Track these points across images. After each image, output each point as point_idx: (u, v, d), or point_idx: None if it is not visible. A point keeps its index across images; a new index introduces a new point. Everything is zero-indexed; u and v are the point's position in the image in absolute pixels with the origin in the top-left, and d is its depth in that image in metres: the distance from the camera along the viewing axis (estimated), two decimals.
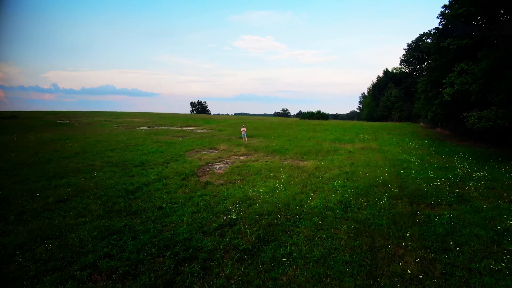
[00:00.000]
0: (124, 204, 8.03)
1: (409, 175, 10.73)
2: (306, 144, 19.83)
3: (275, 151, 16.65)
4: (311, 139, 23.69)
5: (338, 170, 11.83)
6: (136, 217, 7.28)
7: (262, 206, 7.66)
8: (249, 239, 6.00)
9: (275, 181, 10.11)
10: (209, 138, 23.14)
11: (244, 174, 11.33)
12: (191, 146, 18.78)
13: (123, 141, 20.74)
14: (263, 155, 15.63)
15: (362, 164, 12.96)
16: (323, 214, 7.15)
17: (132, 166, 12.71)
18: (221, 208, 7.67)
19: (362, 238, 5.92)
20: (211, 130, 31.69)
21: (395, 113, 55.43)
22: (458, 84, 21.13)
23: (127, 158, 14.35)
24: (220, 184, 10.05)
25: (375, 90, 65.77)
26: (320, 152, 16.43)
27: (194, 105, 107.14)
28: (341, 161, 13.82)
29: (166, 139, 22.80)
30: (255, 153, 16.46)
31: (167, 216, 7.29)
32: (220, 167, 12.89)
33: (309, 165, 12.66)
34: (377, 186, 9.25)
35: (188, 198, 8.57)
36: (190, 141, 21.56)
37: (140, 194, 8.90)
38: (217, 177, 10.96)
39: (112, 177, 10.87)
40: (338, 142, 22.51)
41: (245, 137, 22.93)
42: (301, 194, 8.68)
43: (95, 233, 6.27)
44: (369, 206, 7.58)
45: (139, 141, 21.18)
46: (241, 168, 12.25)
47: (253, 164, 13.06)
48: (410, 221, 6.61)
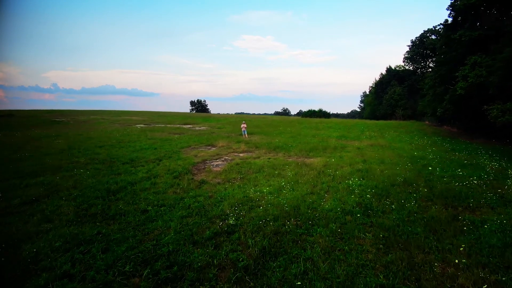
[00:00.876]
0: (102, 206, 6.74)
1: (432, 173, 9.43)
2: (310, 141, 18.54)
3: (278, 148, 15.37)
4: (315, 136, 22.40)
5: (349, 167, 10.54)
6: (113, 222, 6.00)
7: (266, 210, 6.38)
8: (251, 252, 4.72)
9: (280, 180, 8.82)
10: (207, 135, 21.85)
11: (245, 172, 10.04)
12: (188, 143, 17.50)
13: (116, 138, 19.46)
14: (265, 152, 14.34)
15: (375, 161, 11.67)
16: (341, 219, 5.86)
17: (120, 164, 11.43)
18: (217, 212, 6.39)
19: (395, 252, 4.64)
20: (210, 128, 30.41)
21: (398, 111, 54.05)
22: (472, 77, 19.82)
23: (116, 155, 13.07)
24: (217, 183, 8.77)
25: (378, 88, 64.40)
26: (327, 149, 15.14)
27: (193, 104, 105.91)
28: (351, 158, 12.53)
29: (162, 136, 21.52)
30: (257, 150, 15.18)
31: (151, 222, 6.01)
32: (217, 164, 11.61)
33: (317, 162, 11.37)
34: (399, 185, 7.96)
35: (179, 199, 7.28)
36: (187, 138, 20.27)
37: (123, 195, 7.61)
38: (214, 175, 9.68)
39: (95, 175, 9.59)
40: (344, 139, 21.21)
41: (246, 134, 21.65)
42: (312, 194, 7.39)
43: (58, 244, 4.99)
44: (395, 210, 6.29)
45: (133, 138, 19.90)
46: (241, 166, 10.97)
47: (254, 161, 11.78)
48: (451, 228, 5.32)
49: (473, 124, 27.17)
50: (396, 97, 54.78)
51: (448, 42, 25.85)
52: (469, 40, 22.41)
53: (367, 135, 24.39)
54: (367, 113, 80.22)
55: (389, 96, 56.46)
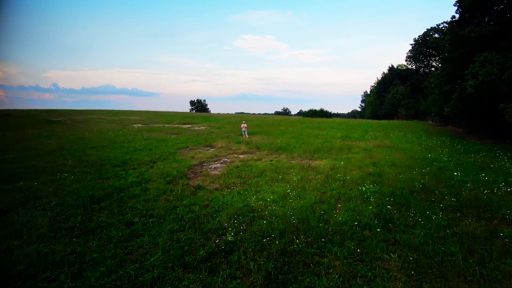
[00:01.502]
0: (82, 218, 5.88)
1: (451, 178, 8.56)
2: (314, 142, 17.68)
3: (280, 149, 14.51)
4: (318, 136, 21.54)
5: (359, 171, 9.68)
6: (93, 237, 5.14)
7: (270, 222, 5.52)
8: (254, 280, 3.86)
9: (284, 185, 7.95)
10: (206, 135, 21.00)
11: (245, 176, 9.18)
12: (185, 144, 16.64)
13: (110, 138, 18.61)
14: (267, 154, 13.48)
15: (386, 163, 10.81)
16: (358, 235, 4.99)
17: (110, 166, 10.57)
18: (214, 225, 5.53)
19: (430, 280, 3.78)
20: (209, 128, 29.57)
21: (401, 111, 53.21)
22: (482, 75, 18.94)
23: (108, 157, 12.21)
24: (215, 189, 7.90)
25: (380, 87, 63.52)
26: (332, 150, 14.28)
27: (193, 104, 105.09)
28: (360, 160, 11.66)
29: (159, 136, 20.67)
30: (258, 151, 14.32)
31: (137, 237, 5.15)
32: (216, 167, 10.75)
33: (323, 165, 10.50)
34: (419, 193, 7.09)
35: (171, 209, 6.42)
36: (185, 138, 19.42)
37: (109, 203, 6.75)
38: (212, 180, 8.81)
39: (81, 179, 8.72)
40: (348, 139, 20.36)
41: (246, 134, 20.81)
42: (321, 203, 6.52)
43: (21, 267, 4.14)
44: (420, 223, 5.42)
45: (128, 138, 19.05)
46: (241, 169, 10.11)
47: (255, 164, 10.91)
48: (493, 248, 4.46)
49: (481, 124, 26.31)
50: (399, 96, 53.92)
51: (456, 39, 24.98)
52: (478, 37, 21.53)
53: (372, 135, 23.54)
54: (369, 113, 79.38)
55: (391, 96, 55.60)
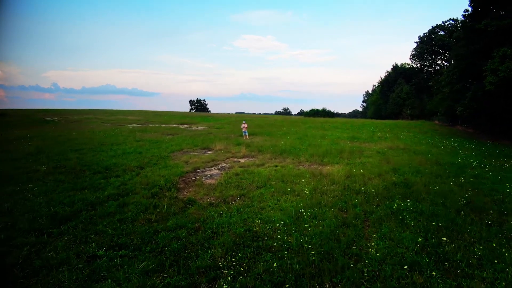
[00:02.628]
0: (30, 250, 4.43)
1: (495, 189, 7.10)
2: (321, 143, 16.22)
3: (285, 152, 13.04)
4: (324, 137, 20.08)
5: (381, 180, 8.22)
6: (35, 283, 3.69)
7: (281, 258, 4.06)
8: None
9: (294, 200, 6.50)
10: (204, 136, 19.53)
11: (246, 186, 7.71)
12: (180, 146, 15.19)
13: (99, 140, 17.17)
14: (270, 157, 12.02)
15: (409, 170, 9.35)
16: (406, 282, 3.53)
17: (90, 173, 9.13)
18: (204, 261, 4.08)
19: None
20: (208, 128, 28.12)
21: (406, 110, 51.69)
22: (503, 71, 17.50)
23: (90, 162, 10.78)
24: (209, 204, 6.45)
25: (384, 86, 61.99)
26: (342, 153, 12.81)
27: (193, 104, 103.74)
28: (377, 165, 10.21)
29: (153, 137, 19.22)
30: (260, 154, 12.86)
31: (97, 281, 3.71)
32: (212, 174, 9.29)
33: (336, 172, 9.04)
34: (466, 212, 5.62)
35: (151, 234, 4.97)
36: (181, 139, 17.97)
37: (73, 226, 5.30)
38: (206, 191, 7.35)
39: (50, 191, 7.28)
40: (356, 140, 18.89)
41: (247, 135, 19.34)
42: (345, 227, 5.06)
43: None
44: (486, 260, 3.96)
45: (119, 139, 17.60)
46: (241, 177, 8.65)
47: (258, 170, 9.46)
48: None
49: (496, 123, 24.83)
50: (404, 95, 52.42)
51: (469, 34, 23.53)
52: (496, 30, 20.05)
53: (381, 136, 22.08)
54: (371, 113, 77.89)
55: (395, 95, 54.10)
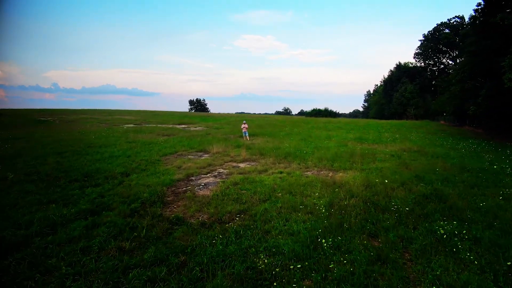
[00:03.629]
0: None
1: None
2: (327, 145, 14.94)
3: (289, 156, 11.75)
4: (330, 138, 18.79)
5: (406, 190, 6.92)
6: None
7: None
8: None
9: (307, 219, 5.21)
10: (201, 137, 18.25)
11: (247, 199, 6.42)
12: (174, 148, 13.91)
13: (88, 141, 15.89)
14: (274, 162, 10.73)
15: (435, 178, 8.05)
16: None
17: (65, 182, 7.85)
18: None
19: None
20: (207, 128, 26.86)
21: (410, 110, 50.36)
22: None
23: (70, 167, 9.50)
24: (200, 225, 5.16)
25: (387, 85, 60.64)
26: (353, 157, 11.51)
27: (192, 103, 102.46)
28: (396, 171, 8.92)
29: (147, 138, 17.93)
30: (262, 158, 11.57)
31: None
32: (207, 183, 8.00)
33: (352, 181, 7.75)
34: None
35: (118, 274, 3.67)
36: (176, 140, 16.69)
37: (17, 259, 4.01)
38: (198, 206, 6.06)
39: (9, 205, 5.99)
40: (364, 142, 17.60)
41: (247, 136, 18.06)
42: (381, 264, 3.76)
43: None
44: None
45: (110, 140, 16.33)
46: (241, 187, 7.36)
47: (260, 178, 8.16)
48: None
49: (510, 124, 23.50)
50: (408, 95, 51.11)
51: (483, 29, 22.24)
52: None
53: (389, 137, 20.80)
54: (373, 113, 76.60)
55: (399, 94, 52.78)
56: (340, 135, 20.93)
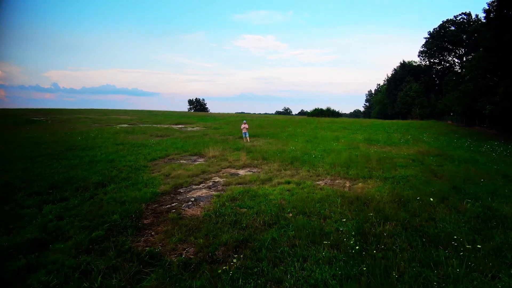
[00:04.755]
0: None
1: None
2: (336, 148, 13.44)
3: (296, 160, 10.24)
4: (337, 140, 17.30)
5: (451, 210, 5.42)
6: None
7: None
8: None
9: (332, 259, 3.71)
10: (197, 139, 16.75)
11: (248, 222, 4.92)
12: (166, 151, 12.41)
13: (72, 143, 14.40)
14: (279, 168, 9.23)
15: (479, 190, 6.55)
16: None
17: (23, 195, 6.37)
18: None
19: None
20: (205, 128, 25.39)
21: (415, 110, 48.87)
22: None
23: (38, 174, 8.02)
24: (183, 267, 3.65)
25: (391, 84, 59.13)
26: (369, 162, 10.02)
27: (192, 103, 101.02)
28: (425, 181, 7.42)
29: (138, 139, 16.44)
30: (265, 163, 10.08)
31: None
32: (198, 197, 6.49)
33: (377, 193, 6.25)
34: None
35: None
36: (170, 142, 15.20)
37: None
38: (183, 235, 4.54)
39: None
40: (375, 143, 16.11)
41: (247, 137, 16.56)
42: None
43: None
44: None
45: (97, 142, 14.83)
46: (240, 203, 5.85)
47: (264, 191, 6.65)
48: None
49: None
50: (413, 94, 49.61)
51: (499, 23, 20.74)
52: None
53: (400, 138, 19.28)
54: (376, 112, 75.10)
55: (404, 93, 51.28)
56: (347, 136, 19.43)
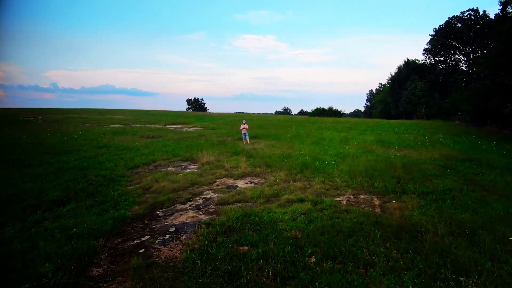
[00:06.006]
0: None
1: None
2: (349, 152, 11.74)
3: (306, 168, 8.54)
4: (347, 141, 15.63)
5: None
6: None
7: None
8: None
9: None
10: (192, 141, 15.04)
11: (251, 276, 3.21)
12: (153, 156, 10.71)
13: (50, 145, 12.69)
14: (287, 178, 7.53)
15: None
16: None
17: None
18: None
19: None
20: (202, 129, 23.69)
21: (421, 109, 47.15)
22: None
23: None
24: None
25: (395, 83, 57.41)
26: (393, 170, 8.32)
27: (190, 103, 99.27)
28: (485, 200, 5.74)
29: (126, 141, 14.72)
30: (269, 171, 8.37)
31: None
32: (180, 226, 4.78)
33: (424, 218, 4.56)
34: None
35: None
36: (160, 144, 13.48)
37: None
38: None
39: None
40: (390, 146, 14.43)
41: (247, 139, 14.86)
42: None
43: None
44: None
45: (78, 144, 13.13)
46: (238, 237, 4.14)
47: (270, 215, 4.94)
48: None
49: None
50: (418, 93, 47.88)
51: None
52: None
53: (413, 140, 17.62)
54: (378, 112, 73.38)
55: (409, 92, 49.58)
56: (356, 137, 17.74)
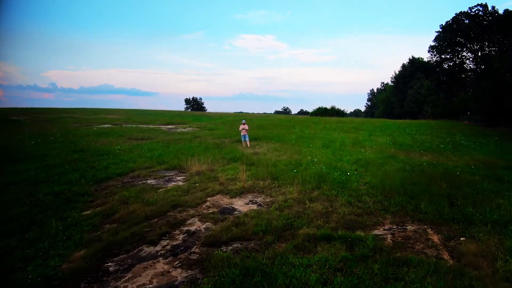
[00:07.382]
0: None
1: None
2: (370, 158, 9.91)
3: (323, 180, 6.68)
4: (360, 144, 13.79)
5: None
6: None
7: None
8: None
9: None
10: (185, 143, 13.18)
11: None
12: (133, 163, 8.85)
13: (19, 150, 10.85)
14: (299, 197, 5.68)
15: None
16: None
17: None
18: None
19: None
20: (198, 129, 21.86)
21: (427, 109, 45.39)
22: None
23: None
24: None
25: (399, 82, 55.63)
26: (435, 183, 6.49)
27: (188, 102, 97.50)
28: None
29: (109, 143, 12.85)
30: (276, 186, 6.52)
31: None
32: None
33: None
34: None
35: None
36: (146, 148, 11.60)
37: None
38: None
39: None
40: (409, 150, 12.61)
41: (247, 141, 12.96)
42: None
43: None
44: None
45: (49, 148, 11.32)
46: None
47: (284, 269, 3.10)
48: None
49: None
50: (425, 92, 46.14)
51: None
52: None
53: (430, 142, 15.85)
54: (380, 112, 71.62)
55: (414, 91, 47.81)
56: (368, 139, 15.92)
